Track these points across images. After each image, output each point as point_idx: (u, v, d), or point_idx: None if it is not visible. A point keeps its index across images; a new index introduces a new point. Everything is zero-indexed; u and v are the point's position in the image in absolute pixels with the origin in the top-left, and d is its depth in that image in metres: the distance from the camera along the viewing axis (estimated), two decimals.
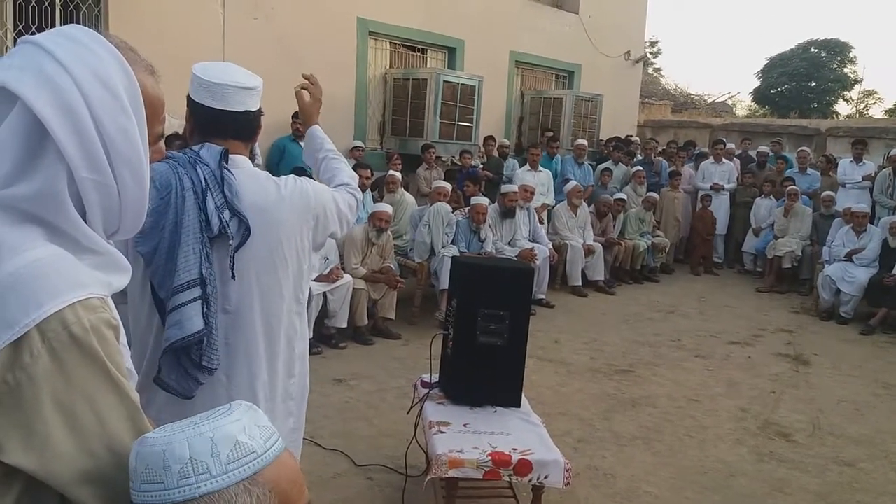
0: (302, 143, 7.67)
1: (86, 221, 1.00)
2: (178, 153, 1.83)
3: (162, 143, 1.19)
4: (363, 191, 6.86)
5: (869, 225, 8.18)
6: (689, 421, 4.73)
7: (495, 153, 9.70)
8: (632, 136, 12.09)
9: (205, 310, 1.75)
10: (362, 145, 8.60)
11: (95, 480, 0.92)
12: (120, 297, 1.73)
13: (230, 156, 1.87)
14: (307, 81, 2.37)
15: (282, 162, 7.56)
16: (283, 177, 1.99)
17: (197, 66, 1.87)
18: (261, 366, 1.92)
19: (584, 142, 10.01)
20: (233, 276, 1.82)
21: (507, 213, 7.50)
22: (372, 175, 7.11)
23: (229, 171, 1.84)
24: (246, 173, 1.89)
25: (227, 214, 1.79)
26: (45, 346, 0.87)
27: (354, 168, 7.01)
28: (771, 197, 9.94)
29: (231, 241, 1.80)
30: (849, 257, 7.95)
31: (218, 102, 1.85)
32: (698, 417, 4.80)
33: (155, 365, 1.79)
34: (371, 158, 8.69)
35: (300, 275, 1.98)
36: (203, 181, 1.78)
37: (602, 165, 9.99)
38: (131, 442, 0.93)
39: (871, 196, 9.14)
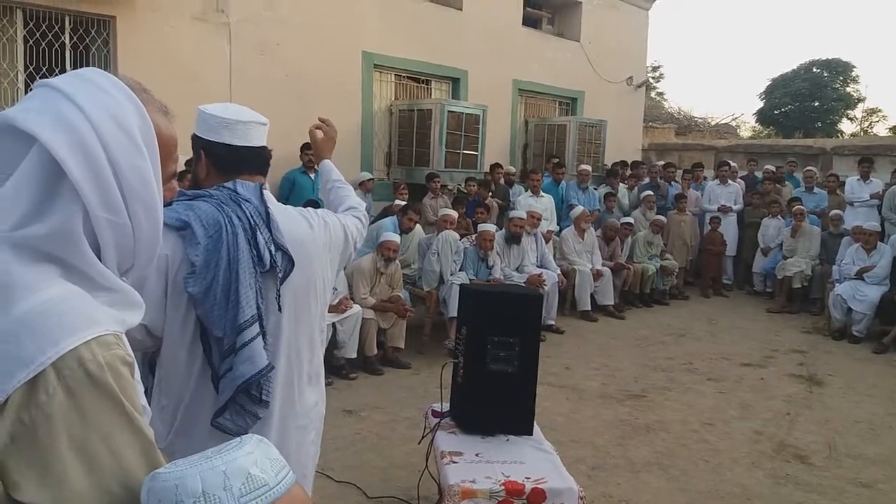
0: (312, 176, 7.80)
1: (100, 259, 1.01)
2: (215, 191, 1.84)
3: (174, 182, 1.21)
4: (406, 232, 6.93)
5: (879, 243, 8.15)
6: (703, 445, 4.69)
7: (502, 181, 9.75)
8: (638, 160, 12.04)
9: (263, 344, 1.78)
10: (371, 177, 8.64)
11: None
12: (136, 343, 1.73)
13: (263, 192, 1.91)
14: (321, 122, 2.49)
15: (292, 194, 7.62)
16: (307, 209, 2.04)
17: (208, 107, 1.89)
18: (293, 394, 1.96)
19: (588, 167, 10.04)
20: (279, 309, 1.85)
21: (513, 238, 7.52)
22: (419, 217, 7.20)
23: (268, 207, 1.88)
24: (278, 208, 1.93)
25: (273, 249, 1.82)
26: (61, 383, 0.88)
27: (405, 209, 7.05)
28: (779, 217, 9.94)
29: (280, 275, 1.83)
30: (859, 275, 7.92)
31: (241, 139, 1.88)
32: (713, 441, 4.76)
33: (200, 408, 1.79)
34: (378, 189, 8.75)
35: (325, 305, 2.06)
36: (250, 218, 1.80)
37: (605, 190, 10.03)
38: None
39: (880, 214, 9.13)
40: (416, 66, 9.74)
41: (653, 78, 24.94)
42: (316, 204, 7.77)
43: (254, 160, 1.92)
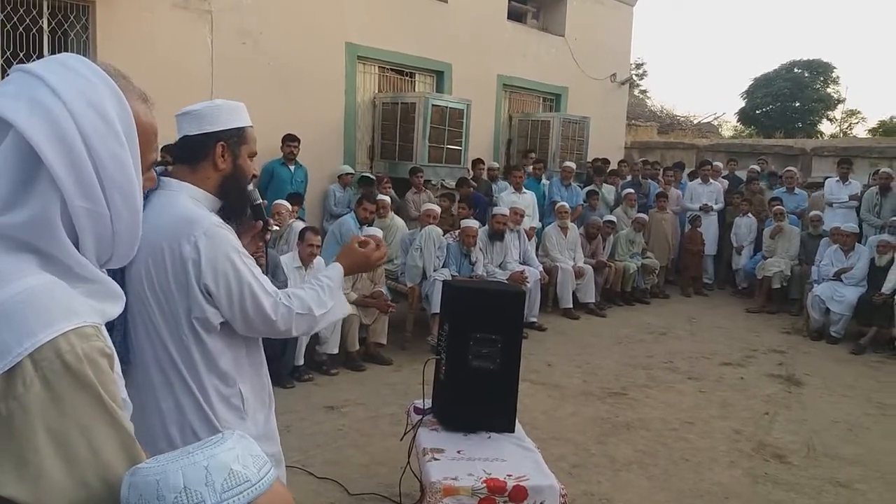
0: (291, 168, 7.70)
1: (79, 249, 1.00)
2: None
3: (153, 171, 1.19)
4: (368, 223, 6.75)
5: (857, 244, 8.23)
6: (683, 443, 4.71)
7: (484, 176, 9.73)
8: (604, 158, 11.75)
9: None
10: (352, 171, 8.57)
11: None
12: None
13: (162, 178, 1.92)
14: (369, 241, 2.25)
15: (271, 185, 7.54)
16: (204, 216, 1.88)
17: None
18: (168, 373, 1.90)
19: (572, 164, 10.06)
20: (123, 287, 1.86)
21: (496, 235, 7.51)
22: (376, 209, 7.01)
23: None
24: (165, 195, 1.89)
25: None
26: (38, 374, 0.87)
27: (361, 200, 6.92)
28: (749, 215, 10.05)
29: None
30: (837, 276, 7.99)
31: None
32: (692, 440, 4.78)
33: None
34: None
35: (174, 306, 1.86)
36: None
37: (588, 188, 10.03)
38: (125, 472, 0.93)
39: (858, 215, 9.22)
40: (401, 59, 9.69)
41: (636, 75, 25.07)
42: (300, 197, 7.65)
43: (174, 153, 2.01)
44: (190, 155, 1.95)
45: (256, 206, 2.12)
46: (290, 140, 7.68)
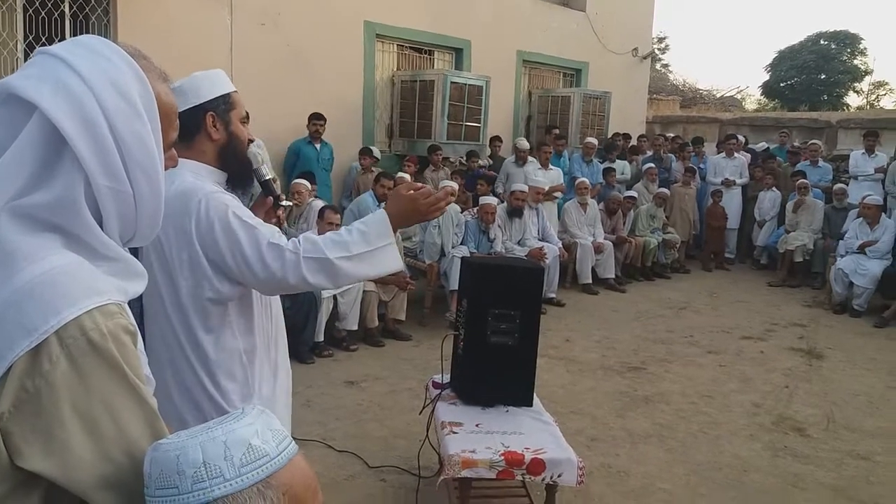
0: (317, 146, 7.71)
1: (102, 228, 1.01)
2: None
3: (174, 150, 1.20)
4: (383, 200, 6.77)
5: (882, 217, 8.12)
6: (702, 417, 4.72)
7: (501, 153, 9.69)
8: (625, 134, 11.71)
9: None
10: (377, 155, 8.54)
11: (115, 486, 0.93)
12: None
13: None
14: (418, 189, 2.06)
15: (297, 165, 7.56)
16: (199, 187, 1.86)
17: None
18: (174, 351, 1.91)
19: (593, 140, 9.98)
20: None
21: (515, 212, 7.50)
22: (394, 186, 7.01)
23: None
24: (167, 174, 1.90)
25: None
26: (64, 352, 0.88)
27: (378, 177, 6.97)
28: (774, 189, 9.93)
29: None
30: (862, 249, 7.90)
31: None
32: (712, 413, 4.79)
33: None
34: (384, 162, 8.71)
35: (179, 278, 1.87)
36: None
37: (604, 165, 9.97)
38: (149, 447, 0.94)
39: (884, 188, 9.09)
40: (419, 37, 9.63)
41: (658, 49, 24.68)
42: (312, 176, 7.66)
43: None
44: (184, 131, 1.88)
45: (266, 182, 2.08)
46: (315, 119, 7.67)
